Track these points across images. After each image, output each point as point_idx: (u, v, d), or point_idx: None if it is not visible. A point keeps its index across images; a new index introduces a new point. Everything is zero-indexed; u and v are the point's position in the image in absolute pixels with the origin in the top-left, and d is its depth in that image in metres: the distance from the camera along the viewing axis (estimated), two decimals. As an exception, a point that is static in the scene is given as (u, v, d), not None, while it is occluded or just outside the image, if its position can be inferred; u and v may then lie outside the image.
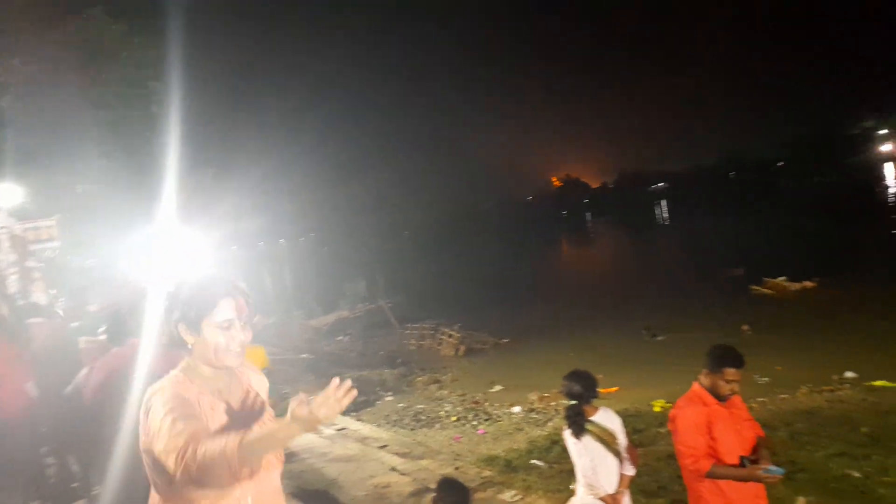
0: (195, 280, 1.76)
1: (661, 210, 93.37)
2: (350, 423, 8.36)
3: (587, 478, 3.40)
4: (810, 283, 17.91)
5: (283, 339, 19.81)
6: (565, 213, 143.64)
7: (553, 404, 10.22)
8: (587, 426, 3.40)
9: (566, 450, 3.59)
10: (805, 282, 18.03)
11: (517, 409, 10.49)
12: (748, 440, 2.99)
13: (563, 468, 6.09)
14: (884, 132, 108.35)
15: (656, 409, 8.86)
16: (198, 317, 1.69)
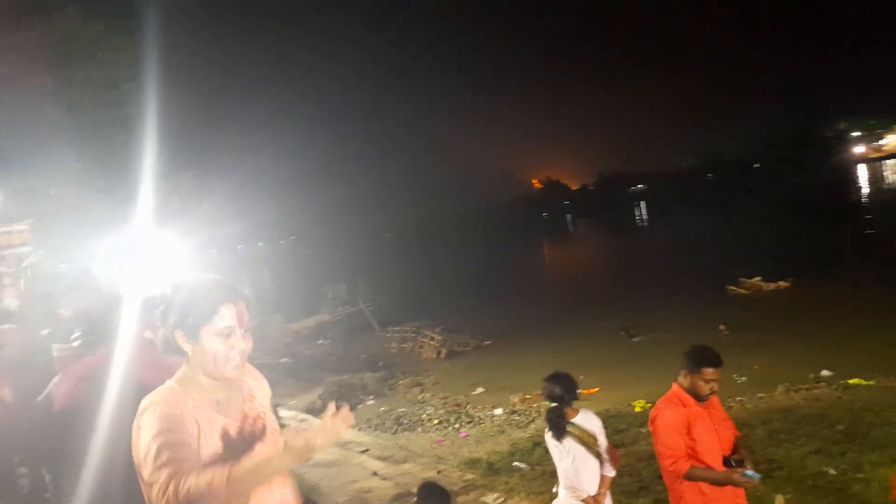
0: (193, 284, 1.65)
1: (641, 212, 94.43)
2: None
3: (569, 480, 3.41)
4: (785, 283, 18.20)
5: (263, 344, 19.59)
6: (546, 214, 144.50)
7: (535, 406, 10.25)
8: (568, 428, 3.41)
9: (548, 451, 3.60)
10: (780, 282, 18.32)
11: (499, 411, 10.50)
12: (727, 440, 3.02)
13: (545, 470, 6.10)
14: (856, 134, 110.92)
15: (637, 409, 8.93)
16: (196, 323, 1.58)
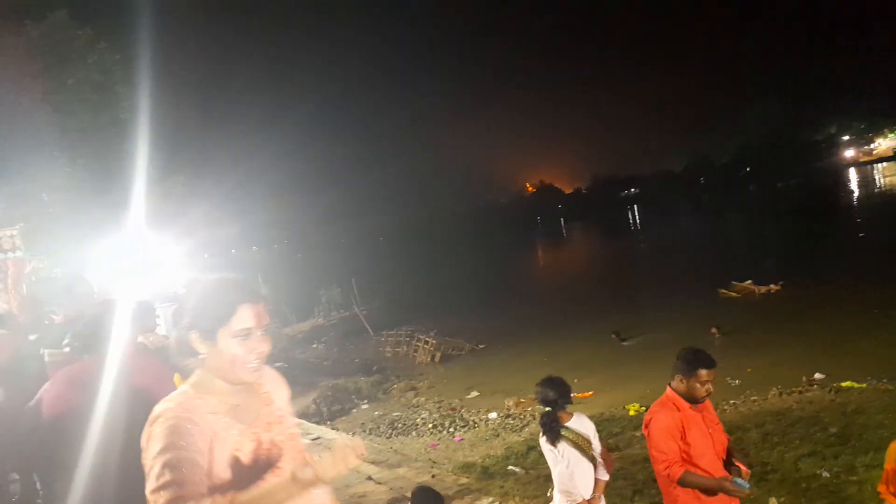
0: (209, 283, 1.55)
1: (634, 215, 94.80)
2: (324, 431, 8.26)
3: (564, 483, 3.40)
4: (776, 286, 18.30)
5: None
6: (540, 218, 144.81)
7: (529, 409, 10.25)
8: (562, 432, 3.41)
9: (543, 455, 3.60)
10: (771, 285, 18.41)
11: (494, 414, 10.50)
12: (721, 443, 3.02)
13: (540, 474, 6.10)
14: (847, 138, 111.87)
15: (631, 412, 8.94)
16: (212, 325, 1.49)
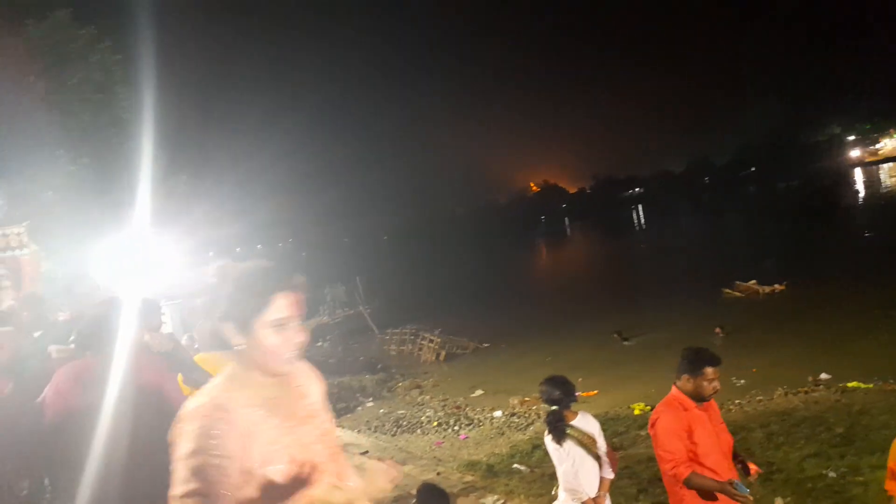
0: (243, 270, 1.47)
1: (638, 215, 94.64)
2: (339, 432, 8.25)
3: (569, 482, 3.39)
4: (780, 286, 18.23)
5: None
6: (544, 217, 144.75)
7: (534, 408, 10.24)
8: (567, 431, 3.40)
9: (548, 454, 3.59)
10: (775, 285, 18.35)
11: (498, 413, 10.49)
12: (726, 443, 3.02)
13: (544, 472, 6.09)
14: (852, 138, 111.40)
15: (636, 411, 8.92)
16: (248, 315, 1.43)
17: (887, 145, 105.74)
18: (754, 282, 18.81)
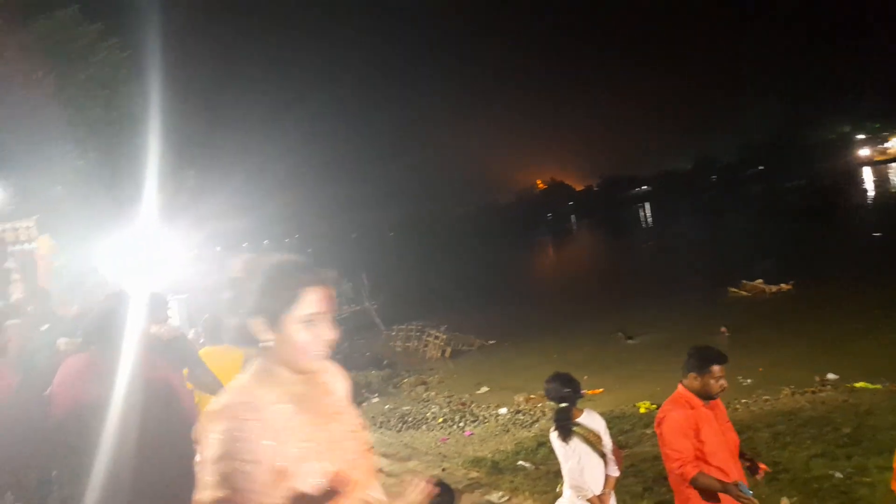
0: (272, 266, 1.44)
1: (645, 213, 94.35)
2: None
3: (574, 479, 3.40)
4: (786, 286, 18.12)
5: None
6: (550, 215, 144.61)
7: (539, 406, 10.23)
8: (573, 428, 3.41)
9: (553, 451, 3.60)
10: (782, 284, 18.24)
11: (504, 410, 10.49)
12: (733, 441, 3.02)
13: (549, 469, 6.09)
14: (861, 137, 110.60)
15: (642, 410, 8.90)
16: (278, 309, 1.39)
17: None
18: (760, 281, 18.70)
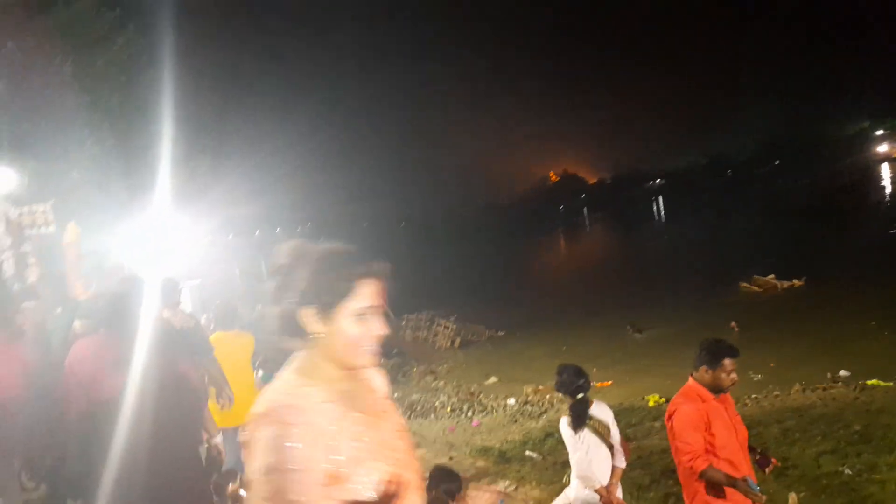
0: (323, 252, 1.34)
1: (658, 207, 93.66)
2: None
3: (582, 469, 3.41)
4: (799, 282, 17.94)
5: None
6: (563, 207, 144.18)
7: (548, 397, 10.24)
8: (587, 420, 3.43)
9: (560, 442, 3.62)
10: (794, 280, 18.07)
11: (512, 401, 10.51)
12: (742, 434, 3.01)
13: (557, 460, 6.12)
14: (880, 133, 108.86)
15: (650, 403, 8.89)
16: (332, 300, 1.30)
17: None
18: (773, 276, 18.54)
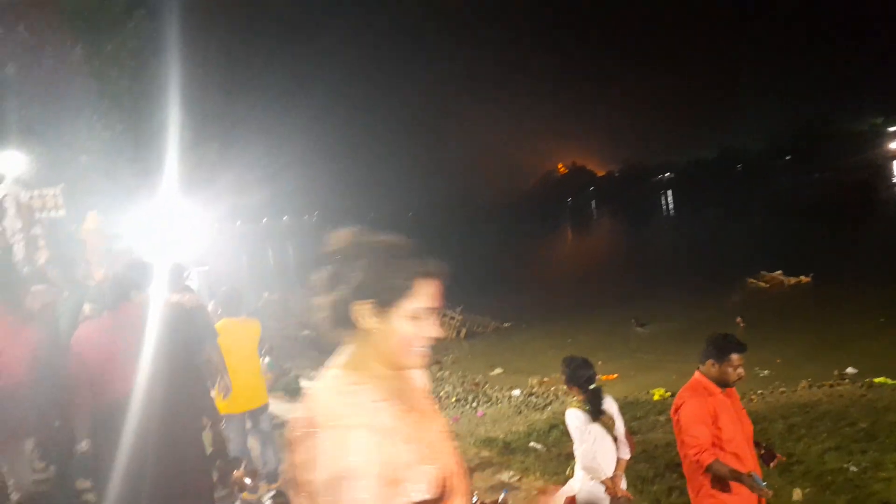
0: (387, 246, 1.29)
1: (667, 200, 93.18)
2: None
3: (587, 461, 3.41)
4: (806, 278, 17.84)
5: (286, 315, 19.93)
6: (570, 200, 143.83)
7: (553, 389, 10.25)
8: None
9: (565, 433, 3.62)
10: (801, 276, 17.97)
11: (517, 392, 10.52)
12: (748, 428, 3.01)
13: (561, 452, 6.12)
14: (893, 129, 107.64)
15: (655, 397, 8.87)
16: (391, 298, 1.23)
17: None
18: (780, 272, 18.48)
